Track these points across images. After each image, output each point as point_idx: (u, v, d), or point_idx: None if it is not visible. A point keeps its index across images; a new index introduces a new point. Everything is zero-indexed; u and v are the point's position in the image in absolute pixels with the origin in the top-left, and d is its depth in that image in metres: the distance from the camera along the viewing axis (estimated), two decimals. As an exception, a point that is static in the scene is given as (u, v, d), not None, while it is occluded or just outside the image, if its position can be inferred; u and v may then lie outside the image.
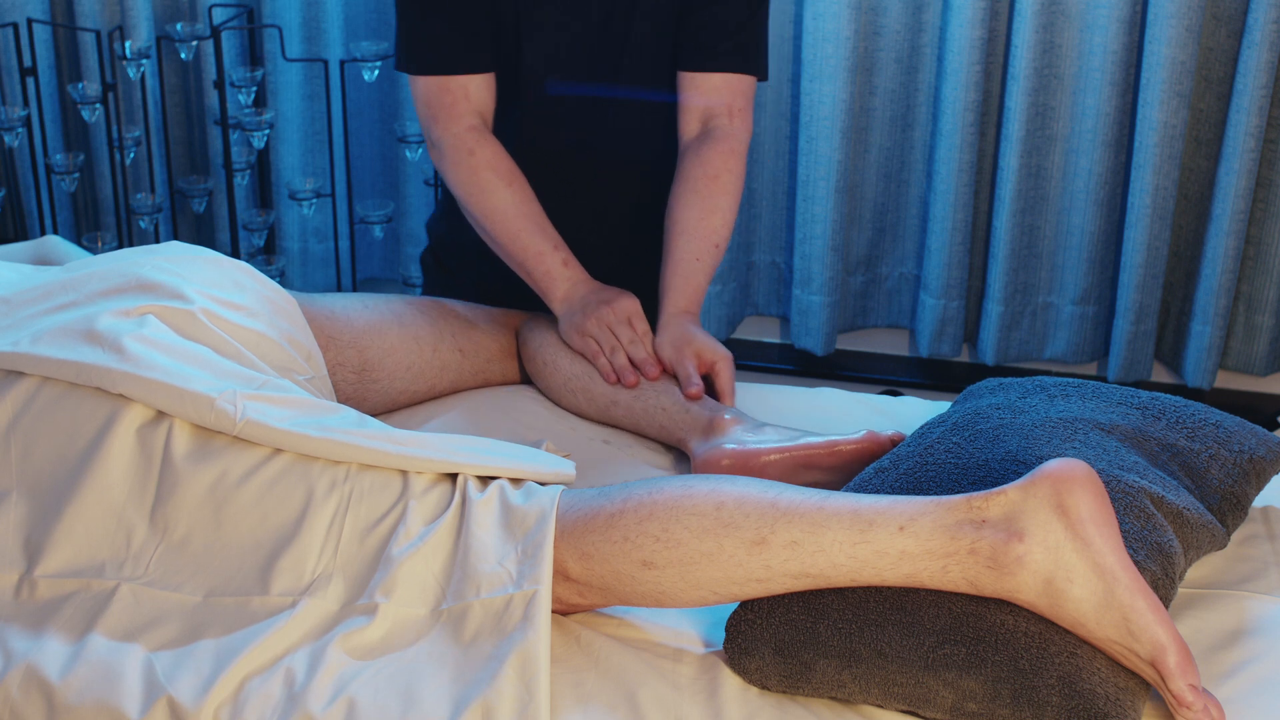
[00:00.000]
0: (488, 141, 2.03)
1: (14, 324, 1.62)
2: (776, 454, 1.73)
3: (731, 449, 1.75)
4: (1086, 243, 2.92)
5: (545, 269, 2.00)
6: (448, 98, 2.03)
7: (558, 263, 2.00)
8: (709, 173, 2.02)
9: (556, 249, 2.01)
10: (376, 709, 1.35)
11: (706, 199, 2.01)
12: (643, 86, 2.08)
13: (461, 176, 2.03)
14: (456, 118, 2.03)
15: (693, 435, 1.82)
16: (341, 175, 3.05)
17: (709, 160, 2.03)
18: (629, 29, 2.03)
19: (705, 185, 2.02)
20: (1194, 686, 1.33)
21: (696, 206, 2.01)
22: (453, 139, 2.03)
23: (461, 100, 2.03)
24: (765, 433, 1.78)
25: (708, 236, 2.00)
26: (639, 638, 1.48)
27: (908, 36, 2.91)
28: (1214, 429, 1.67)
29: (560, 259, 2.01)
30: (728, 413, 1.82)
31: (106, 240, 2.93)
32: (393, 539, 1.46)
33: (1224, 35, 2.77)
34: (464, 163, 2.02)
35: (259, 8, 3.00)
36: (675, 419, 1.85)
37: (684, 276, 1.98)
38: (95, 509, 1.49)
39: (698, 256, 1.99)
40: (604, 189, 2.15)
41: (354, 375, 1.91)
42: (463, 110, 2.03)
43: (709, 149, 2.04)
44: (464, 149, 2.02)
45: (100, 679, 1.38)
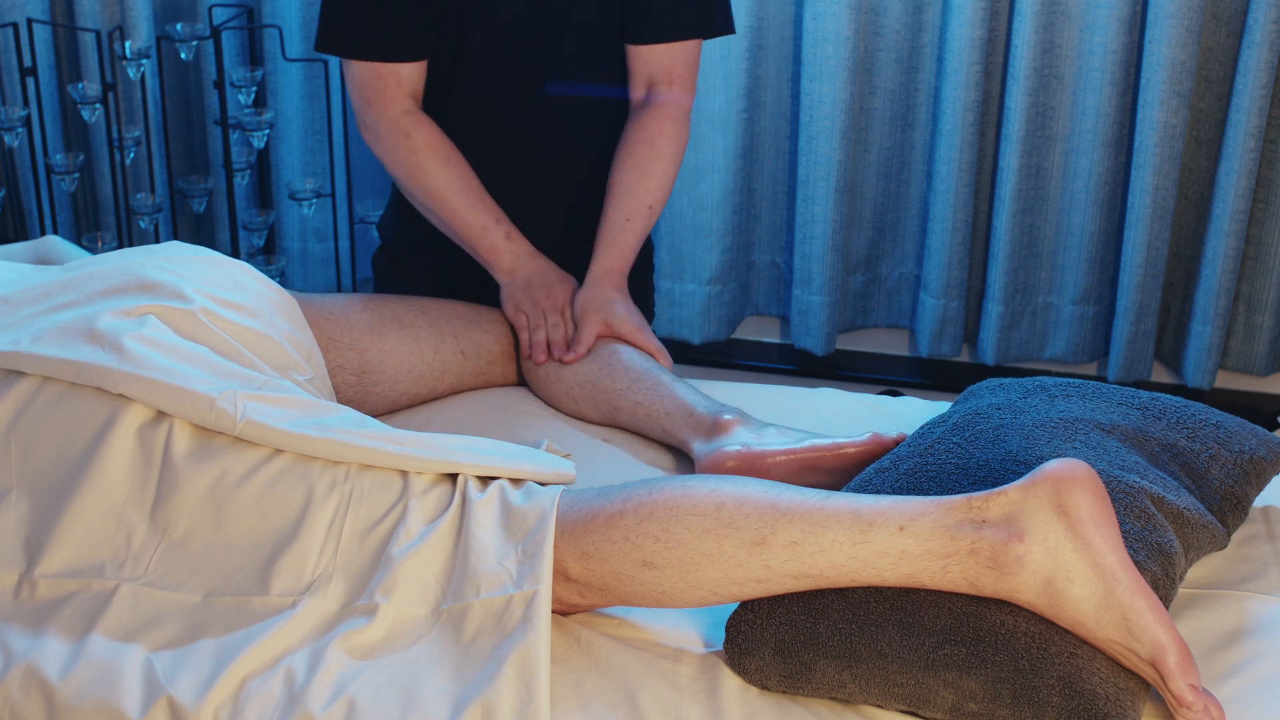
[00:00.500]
0: (423, 123, 2.07)
1: (14, 323, 1.62)
2: (783, 456, 1.73)
3: (736, 451, 1.75)
4: (1086, 243, 2.92)
5: (489, 243, 2.07)
6: (380, 83, 2.06)
7: (500, 236, 2.07)
8: (645, 137, 2.10)
9: (499, 222, 2.07)
10: (376, 709, 1.35)
11: (642, 162, 2.09)
12: (588, 59, 2.12)
13: (400, 158, 2.07)
14: (390, 102, 2.07)
15: (696, 438, 1.82)
16: (341, 175, 3.05)
17: (646, 125, 2.11)
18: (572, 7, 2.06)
19: (641, 149, 2.10)
20: (1194, 686, 1.33)
21: (632, 170, 2.09)
22: (389, 123, 2.07)
23: (394, 86, 2.06)
24: (769, 434, 1.78)
25: (640, 198, 2.08)
26: (639, 638, 1.48)
27: (908, 36, 2.91)
28: (1214, 429, 1.67)
29: (503, 232, 2.07)
30: (730, 413, 1.81)
31: (106, 240, 2.92)
32: (393, 539, 1.46)
33: (1224, 35, 2.77)
34: (401, 145, 2.06)
35: (259, 8, 3.00)
36: (679, 422, 1.85)
37: (611, 236, 2.07)
38: (95, 509, 1.49)
39: (628, 217, 2.08)
40: (551, 164, 2.18)
41: (354, 377, 1.91)
42: (395, 95, 2.07)
43: (647, 114, 2.12)
44: (400, 132, 2.06)
45: (100, 679, 1.38)
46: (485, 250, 2.07)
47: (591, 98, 2.15)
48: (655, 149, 2.10)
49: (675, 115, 2.12)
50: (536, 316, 2.01)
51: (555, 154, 2.18)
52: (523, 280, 2.05)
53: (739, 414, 1.82)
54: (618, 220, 2.08)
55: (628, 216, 2.08)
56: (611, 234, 2.08)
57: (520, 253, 2.07)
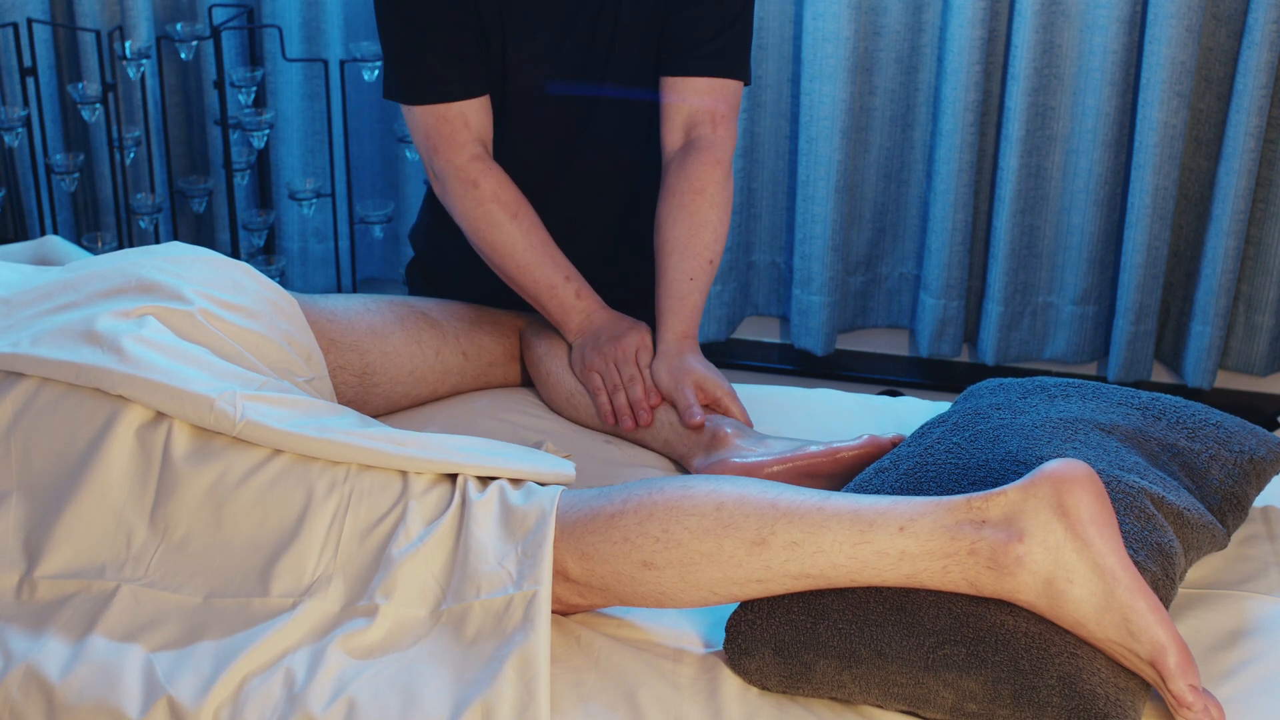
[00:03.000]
0: (491, 172, 1.98)
1: (14, 324, 1.62)
2: (779, 465, 1.73)
3: (735, 463, 1.75)
4: (1086, 243, 2.92)
5: (559, 302, 1.97)
6: (446, 127, 1.97)
7: (570, 294, 1.97)
8: (694, 187, 1.97)
9: (569, 280, 1.97)
10: (376, 709, 1.35)
11: (694, 214, 1.96)
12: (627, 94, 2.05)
13: (467, 209, 1.98)
14: (457, 148, 1.98)
15: (695, 451, 1.82)
16: (341, 175, 3.05)
17: (694, 174, 1.98)
18: (614, 40, 2.01)
19: (691, 200, 1.97)
20: (1194, 687, 1.33)
21: (684, 223, 1.96)
22: (455, 170, 1.97)
23: (461, 129, 1.97)
24: (767, 445, 1.78)
25: (699, 254, 1.95)
26: (639, 638, 1.48)
27: (908, 36, 2.91)
28: (1214, 429, 1.67)
29: (573, 290, 1.97)
30: (729, 426, 1.81)
31: (106, 240, 2.93)
32: (393, 539, 1.46)
33: (1224, 35, 2.77)
34: (469, 195, 1.97)
35: (259, 8, 3.00)
36: (678, 434, 1.85)
37: (678, 298, 1.94)
38: (95, 510, 1.49)
39: (691, 276, 1.94)
40: (587, 197, 2.13)
41: (355, 378, 1.91)
42: (463, 140, 1.98)
43: (693, 161, 1.99)
44: (468, 181, 1.97)
45: (100, 679, 1.38)
46: (554, 309, 1.97)
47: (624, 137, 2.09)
48: (707, 198, 1.97)
49: (722, 160, 1.99)
50: (611, 375, 1.90)
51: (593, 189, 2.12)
52: (592, 337, 1.94)
53: (737, 427, 1.81)
54: (681, 280, 1.94)
55: (691, 276, 1.94)
56: (677, 296, 1.93)
57: (591, 310, 1.97)
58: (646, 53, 2.03)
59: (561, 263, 1.98)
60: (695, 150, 2.00)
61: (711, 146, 1.99)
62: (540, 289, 1.97)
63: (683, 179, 1.98)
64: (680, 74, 2.00)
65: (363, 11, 3.02)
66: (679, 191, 1.98)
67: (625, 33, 2.00)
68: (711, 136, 2.00)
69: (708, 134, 2.00)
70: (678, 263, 1.95)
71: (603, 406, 1.90)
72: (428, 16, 1.95)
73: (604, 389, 1.91)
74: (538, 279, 1.97)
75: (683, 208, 1.97)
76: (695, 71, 2.00)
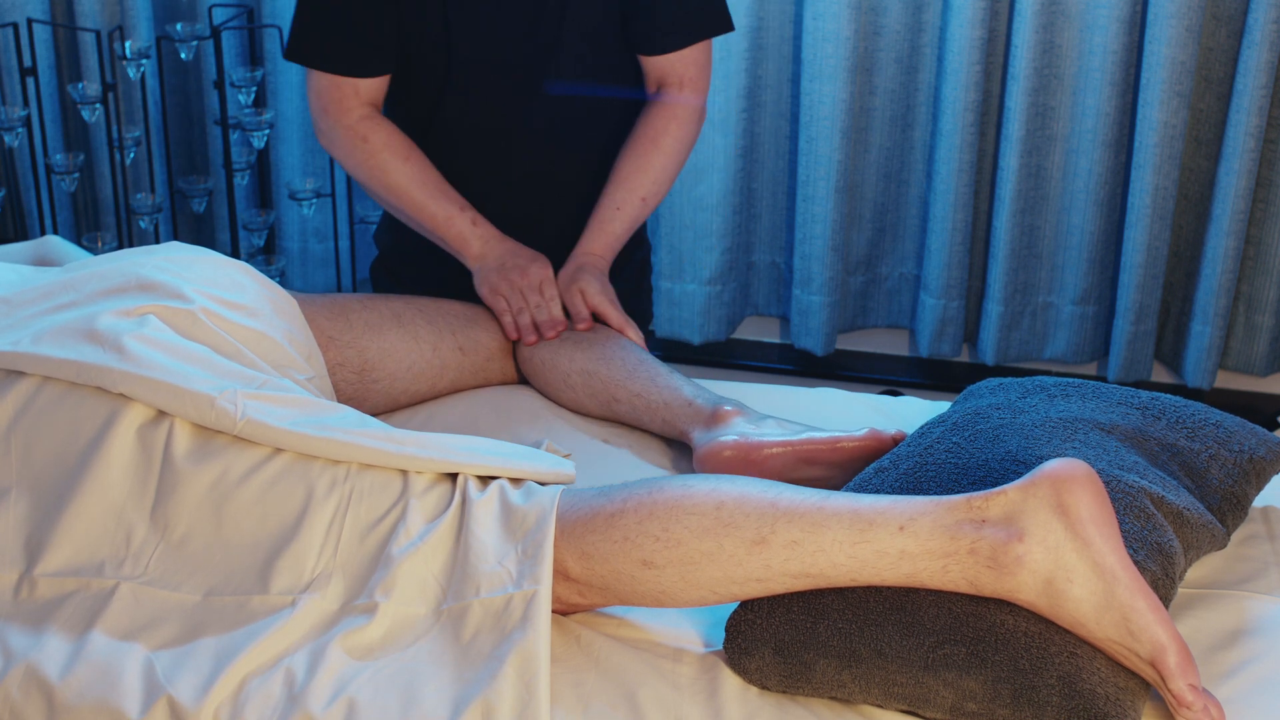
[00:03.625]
0: (379, 125, 2.09)
1: (14, 324, 1.62)
2: (779, 447, 1.73)
3: (734, 440, 1.75)
4: (1086, 243, 2.92)
5: (456, 231, 2.08)
6: (337, 93, 2.08)
7: (466, 223, 2.08)
8: (650, 134, 2.12)
9: (463, 210, 2.08)
10: (376, 709, 1.35)
11: (640, 156, 2.12)
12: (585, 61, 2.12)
13: (359, 161, 2.09)
14: (346, 110, 2.09)
15: (694, 427, 1.82)
16: (341, 175, 3.05)
17: (653, 121, 2.13)
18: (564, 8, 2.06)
19: (644, 145, 2.12)
20: (1194, 686, 1.33)
21: (631, 161, 2.12)
22: (344, 130, 2.09)
23: (351, 96, 2.08)
24: (767, 425, 1.78)
25: (634, 190, 2.10)
26: (639, 638, 1.48)
27: (908, 36, 2.91)
28: (1214, 429, 1.67)
29: (468, 219, 2.08)
30: (729, 404, 1.82)
31: (106, 240, 2.93)
32: (393, 538, 1.46)
33: (1224, 35, 2.77)
34: (359, 149, 2.08)
35: (259, 8, 3.00)
36: (677, 412, 1.85)
37: (599, 221, 2.10)
38: (95, 508, 1.49)
39: (618, 205, 2.10)
40: (545, 168, 2.18)
41: (354, 375, 1.91)
42: (352, 104, 2.09)
43: (655, 110, 2.14)
44: (357, 137, 2.08)
45: (100, 678, 1.38)
46: (453, 239, 2.09)
47: (587, 101, 2.15)
48: (658, 145, 2.12)
49: (682, 114, 2.14)
50: (516, 299, 2.02)
51: (550, 159, 2.17)
52: (495, 263, 2.06)
53: (738, 405, 1.82)
54: (608, 207, 2.11)
55: (618, 205, 2.10)
56: (599, 219, 2.10)
57: (488, 237, 2.08)
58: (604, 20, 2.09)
59: (454, 196, 2.10)
60: (660, 103, 2.15)
61: (674, 103, 2.14)
62: (437, 222, 2.08)
63: (643, 124, 2.14)
64: (648, 53, 2.13)
65: (363, 11, 3.02)
66: (635, 136, 2.14)
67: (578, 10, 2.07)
68: (678, 94, 2.14)
69: (674, 92, 2.15)
70: (611, 191, 2.11)
71: (508, 326, 2.01)
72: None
73: (510, 310, 2.02)
74: (434, 213, 2.08)
75: (634, 150, 2.13)
76: (660, 50, 2.12)
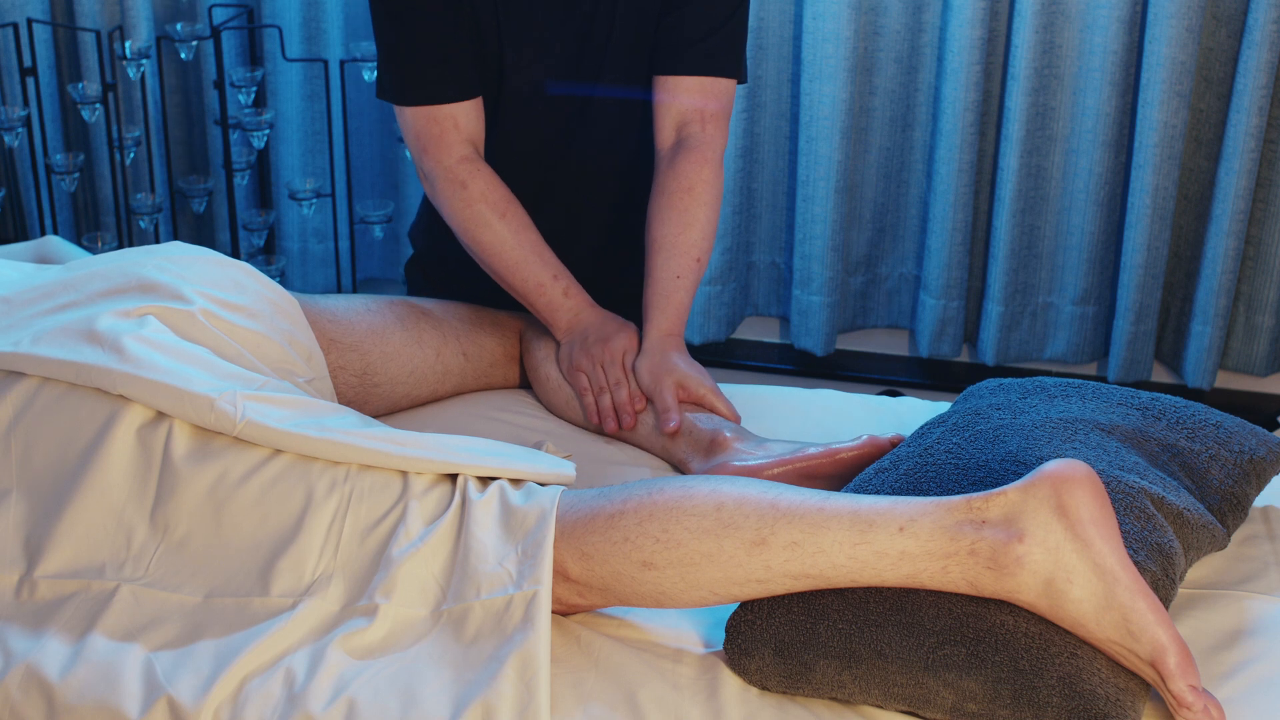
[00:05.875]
0: (480, 172, 1.99)
1: (14, 324, 1.62)
2: (779, 467, 1.73)
3: (735, 466, 1.75)
4: (1086, 243, 2.92)
5: (547, 300, 1.98)
6: (436, 129, 1.98)
7: (559, 293, 1.98)
8: (683, 185, 1.99)
9: (557, 279, 1.98)
10: (376, 709, 1.35)
11: (682, 213, 1.98)
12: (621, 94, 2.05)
13: (456, 209, 1.99)
14: (447, 148, 1.99)
15: (694, 456, 1.82)
16: (341, 175, 3.05)
17: (683, 172, 1.99)
18: (609, 39, 2.01)
19: (680, 199, 1.98)
20: (1194, 687, 1.33)
21: (673, 222, 1.98)
22: (444, 171, 1.99)
23: (450, 130, 1.98)
24: (767, 448, 1.78)
25: (686, 251, 1.97)
26: (639, 638, 1.48)
27: (908, 36, 2.91)
28: (1214, 429, 1.67)
29: (561, 289, 1.98)
30: (729, 430, 1.81)
31: (106, 240, 2.93)
32: (393, 539, 1.46)
33: (1224, 35, 2.77)
34: (457, 195, 1.98)
35: (259, 8, 3.00)
36: (676, 440, 1.85)
37: (664, 296, 1.95)
38: (95, 509, 1.49)
39: (678, 274, 1.96)
40: (580, 195, 2.14)
41: (356, 379, 1.91)
42: (452, 140, 1.99)
43: (682, 159, 2.00)
44: (456, 182, 1.98)
45: (100, 679, 1.38)
46: (543, 307, 1.98)
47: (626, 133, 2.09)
48: (695, 197, 1.98)
49: (711, 159, 2.01)
50: (598, 377, 1.92)
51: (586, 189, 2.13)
52: (580, 336, 1.96)
53: (738, 431, 1.81)
54: (667, 279, 1.96)
55: (678, 274, 1.96)
56: (663, 294, 1.95)
57: (579, 309, 1.98)
58: (641, 51, 2.03)
59: (550, 261, 1.99)
60: (685, 149, 2.01)
61: (701, 145, 2.01)
62: (529, 287, 1.98)
63: (672, 177, 2.00)
64: (671, 73, 2.01)
65: (362, 11, 3.02)
66: (668, 190, 1.99)
67: (620, 32, 2.00)
68: (701, 135, 2.01)
69: (697, 133, 2.01)
70: (664, 261, 1.97)
71: (589, 407, 1.91)
72: (421, 17, 1.95)
73: (590, 390, 1.92)
74: (526, 278, 1.98)
75: (671, 206, 1.98)
76: (685, 70, 2.00)
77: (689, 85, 2.01)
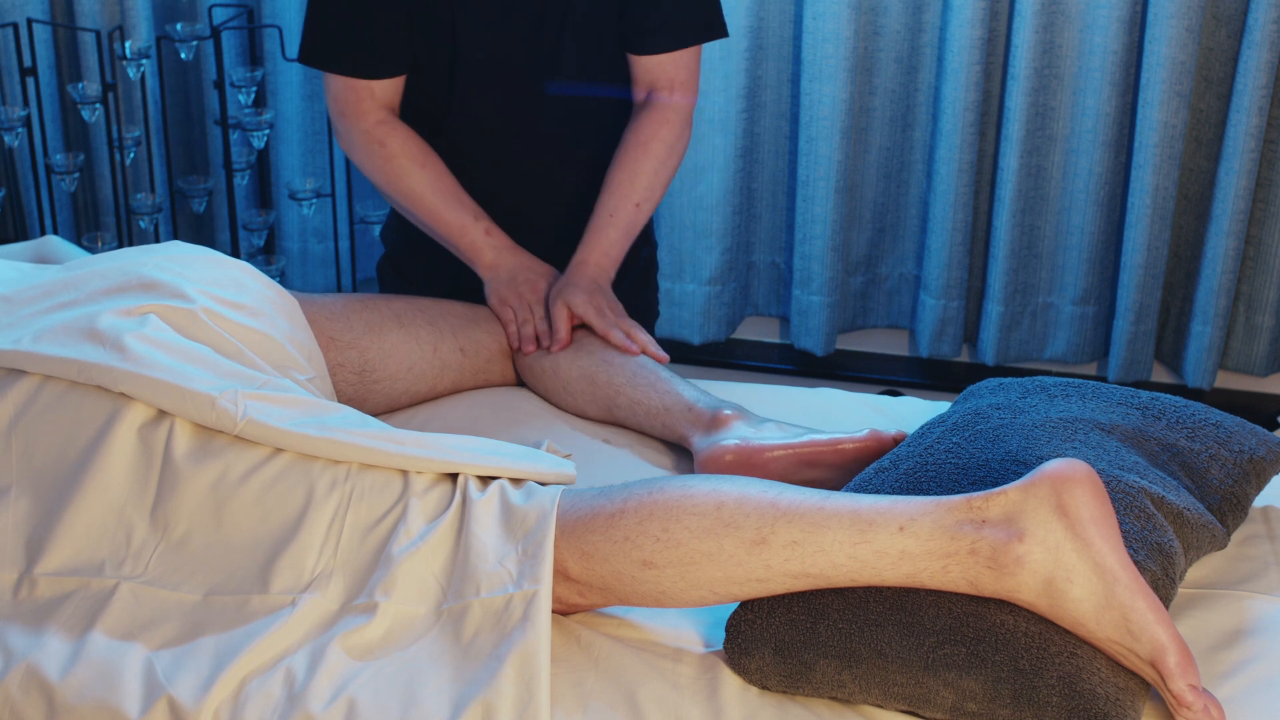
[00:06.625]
0: (397, 130, 2.09)
1: (15, 322, 1.62)
2: (780, 450, 1.73)
3: (734, 445, 1.75)
4: (1086, 243, 2.92)
5: (470, 240, 2.08)
6: (353, 95, 2.08)
7: (480, 232, 2.08)
8: (640, 139, 2.11)
9: (477, 219, 2.09)
10: (376, 709, 1.35)
11: (632, 163, 2.10)
12: (585, 63, 2.12)
13: (376, 165, 2.09)
14: (363, 114, 2.09)
15: (695, 432, 1.82)
16: (341, 175, 3.05)
17: (642, 126, 2.12)
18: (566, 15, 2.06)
19: (635, 150, 2.11)
20: (1194, 687, 1.33)
21: (623, 169, 2.10)
22: (361, 134, 2.09)
23: (367, 98, 2.08)
24: (767, 429, 1.78)
25: (628, 196, 2.09)
26: (639, 638, 1.48)
27: (908, 36, 2.91)
28: (1214, 429, 1.67)
29: (482, 228, 2.08)
30: (729, 408, 1.82)
31: (106, 240, 2.93)
32: (393, 538, 1.46)
33: (1224, 35, 2.77)
34: (376, 153, 2.08)
35: (259, 8, 3.00)
36: (677, 417, 1.85)
37: (594, 230, 2.09)
38: (96, 507, 1.49)
39: (611, 212, 2.09)
40: (548, 168, 2.19)
41: (355, 376, 1.91)
42: (369, 107, 2.08)
43: (645, 117, 2.13)
44: (374, 141, 2.08)
45: (100, 678, 1.38)
46: (466, 247, 2.09)
47: (589, 101, 2.16)
48: (648, 150, 2.11)
49: (672, 118, 2.13)
50: (523, 310, 2.03)
51: (552, 159, 2.18)
52: (506, 274, 2.07)
53: (738, 409, 1.82)
54: (602, 215, 2.09)
55: (611, 212, 2.09)
56: (593, 228, 2.09)
57: (501, 247, 2.09)
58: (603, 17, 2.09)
59: (470, 205, 2.10)
60: (650, 108, 2.14)
61: (664, 106, 2.13)
62: (451, 230, 2.09)
63: (632, 130, 2.13)
64: (636, 53, 2.12)
65: (363, 11, 3.02)
66: (626, 142, 2.13)
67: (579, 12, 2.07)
68: (668, 99, 2.14)
69: (664, 96, 2.14)
70: (604, 200, 2.10)
71: (511, 336, 2.02)
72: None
73: (515, 320, 2.02)
74: (448, 220, 2.08)
75: (625, 156, 2.12)
76: (651, 50, 2.11)
77: (655, 61, 2.14)
